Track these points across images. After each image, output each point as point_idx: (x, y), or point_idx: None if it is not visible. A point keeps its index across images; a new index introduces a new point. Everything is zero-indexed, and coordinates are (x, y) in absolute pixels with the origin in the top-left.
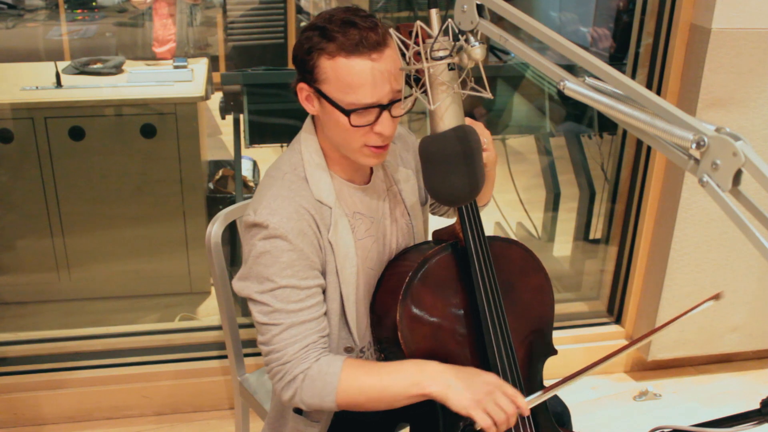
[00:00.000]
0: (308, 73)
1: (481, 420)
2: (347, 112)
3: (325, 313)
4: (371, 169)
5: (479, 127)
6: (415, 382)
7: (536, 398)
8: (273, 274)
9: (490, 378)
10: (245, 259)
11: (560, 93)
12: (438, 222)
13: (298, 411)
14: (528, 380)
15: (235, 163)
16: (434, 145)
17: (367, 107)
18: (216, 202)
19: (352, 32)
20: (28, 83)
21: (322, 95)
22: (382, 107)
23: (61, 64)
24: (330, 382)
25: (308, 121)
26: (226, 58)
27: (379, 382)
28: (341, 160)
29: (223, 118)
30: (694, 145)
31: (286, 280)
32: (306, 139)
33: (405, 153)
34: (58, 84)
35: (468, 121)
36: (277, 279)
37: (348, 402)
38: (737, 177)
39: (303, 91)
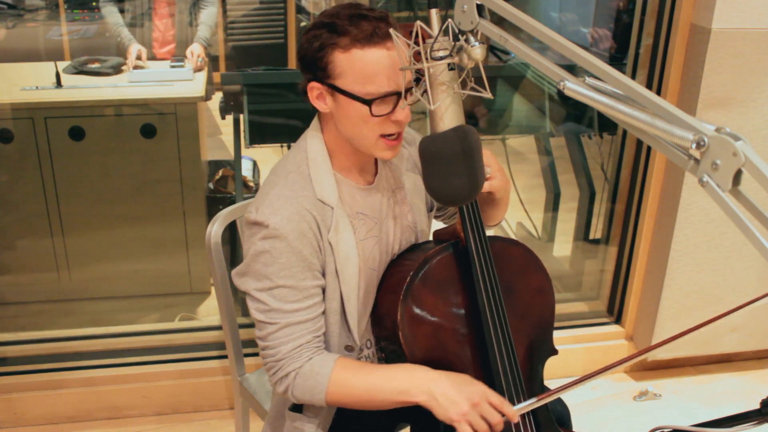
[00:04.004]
0: (320, 70)
1: None
2: (368, 102)
3: (323, 313)
4: (376, 169)
5: (486, 156)
6: (402, 389)
7: (526, 406)
8: (271, 273)
9: (478, 388)
10: (245, 255)
11: (560, 93)
12: (439, 222)
13: (295, 409)
14: (528, 380)
15: (235, 163)
16: (434, 145)
17: (386, 95)
18: (216, 202)
19: (364, 24)
20: (28, 83)
21: (337, 90)
22: (399, 94)
23: (61, 64)
24: (320, 382)
25: (315, 120)
26: (226, 58)
27: (368, 387)
28: (347, 160)
29: (223, 118)
30: (694, 145)
31: (284, 280)
32: (312, 137)
33: (413, 155)
34: (58, 84)
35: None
36: (275, 279)
37: (337, 401)
38: (737, 177)
39: (314, 89)
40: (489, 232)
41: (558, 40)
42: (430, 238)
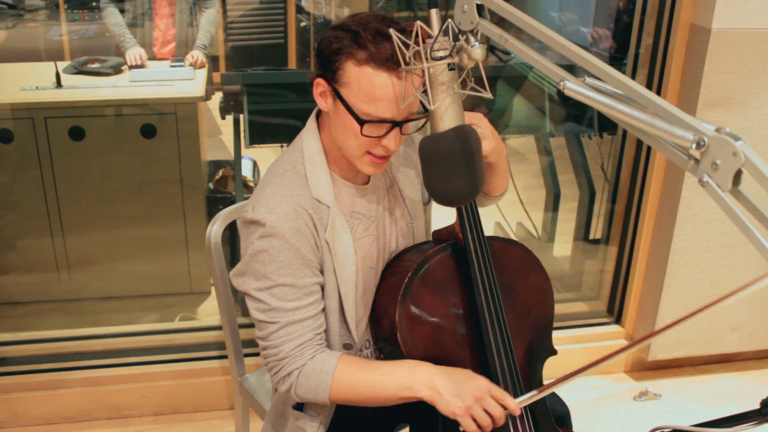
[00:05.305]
0: (330, 72)
1: (468, 426)
2: (361, 122)
3: (323, 310)
4: None
5: (476, 117)
6: (406, 385)
7: (527, 399)
8: (270, 272)
9: (480, 382)
10: (242, 255)
11: (560, 93)
12: (439, 222)
13: (298, 408)
14: (527, 380)
15: (235, 163)
16: (434, 145)
17: (381, 121)
18: (216, 202)
19: (386, 45)
20: (28, 83)
21: (339, 97)
22: (395, 123)
23: (61, 64)
24: (324, 379)
25: (312, 118)
26: (226, 58)
27: (372, 383)
28: (342, 160)
29: (223, 118)
30: (694, 145)
31: (283, 278)
32: (308, 137)
33: (411, 152)
34: (58, 84)
35: (467, 115)
36: (274, 277)
37: (341, 398)
38: (737, 177)
39: (319, 86)
40: (487, 232)
41: (558, 40)
42: (428, 234)
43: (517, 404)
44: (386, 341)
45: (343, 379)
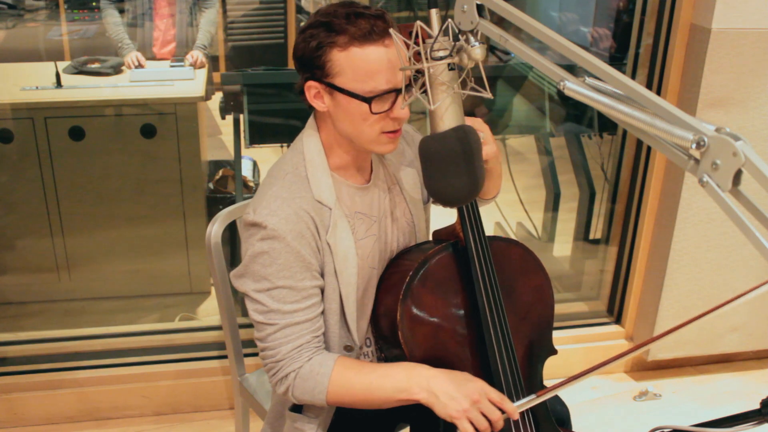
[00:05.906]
0: (318, 69)
1: (465, 429)
2: (368, 100)
3: (323, 313)
4: (371, 168)
5: (477, 122)
6: (402, 388)
7: (527, 402)
8: (270, 274)
9: (477, 385)
10: (243, 256)
11: (560, 93)
12: (439, 221)
13: (296, 410)
14: (528, 380)
15: (235, 163)
16: (434, 145)
17: (385, 92)
18: (216, 202)
19: (361, 22)
20: (28, 83)
21: (336, 88)
22: (398, 91)
23: (61, 64)
24: (321, 381)
25: (311, 120)
26: (226, 58)
27: (368, 386)
28: (344, 158)
29: (223, 118)
30: (694, 145)
31: (283, 281)
32: (308, 138)
33: (409, 150)
34: (58, 84)
35: (468, 121)
36: (273, 279)
37: (337, 401)
38: (737, 177)
39: (312, 89)
40: (487, 232)
41: (558, 40)
42: (429, 233)
43: (515, 408)
44: (387, 341)
45: (339, 382)
